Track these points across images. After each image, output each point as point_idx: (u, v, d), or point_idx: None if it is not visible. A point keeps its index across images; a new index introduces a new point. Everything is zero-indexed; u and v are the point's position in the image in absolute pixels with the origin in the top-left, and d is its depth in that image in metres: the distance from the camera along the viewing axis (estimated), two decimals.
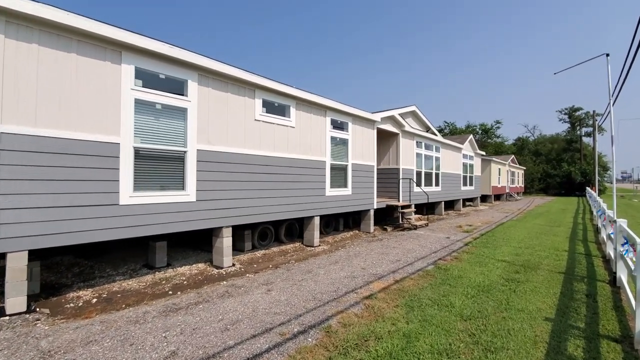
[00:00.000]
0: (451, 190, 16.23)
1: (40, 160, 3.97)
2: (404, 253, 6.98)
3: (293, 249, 7.62)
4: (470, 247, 7.65)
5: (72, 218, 4.18)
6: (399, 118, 11.17)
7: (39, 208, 3.95)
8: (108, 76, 4.57)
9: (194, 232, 6.95)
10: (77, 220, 4.22)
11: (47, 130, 4.02)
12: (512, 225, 11.77)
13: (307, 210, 7.75)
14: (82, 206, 4.26)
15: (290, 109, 7.32)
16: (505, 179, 29.42)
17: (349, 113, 8.97)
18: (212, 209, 5.75)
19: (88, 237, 4.30)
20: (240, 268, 5.97)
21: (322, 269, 5.69)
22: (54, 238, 4.06)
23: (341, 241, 8.65)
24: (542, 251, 7.32)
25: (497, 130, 49.00)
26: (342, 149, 8.93)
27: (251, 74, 6.36)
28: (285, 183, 7.18)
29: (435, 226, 11.24)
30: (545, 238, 9.06)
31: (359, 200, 9.47)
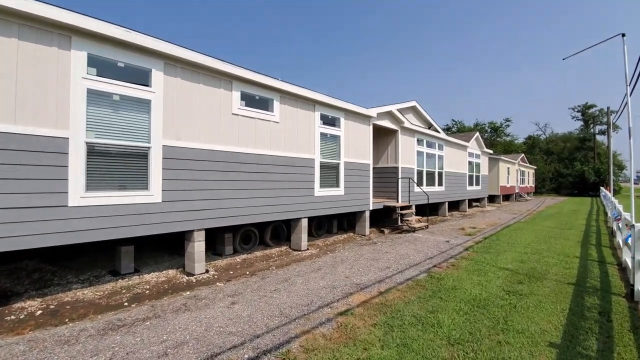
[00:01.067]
0: (456, 191, 15.49)
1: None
2: (397, 259, 6.38)
3: (278, 254, 7.09)
4: (471, 253, 7.00)
5: (8, 222, 3.72)
6: (397, 114, 10.54)
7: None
8: (55, 63, 4.10)
9: (171, 235, 6.47)
10: (14, 224, 3.76)
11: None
12: (519, 227, 11.03)
13: (294, 212, 7.20)
14: (20, 208, 3.79)
15: (274, 103, 6.78)
16: (515, 179, 28.41)
17: (340, 108, 8.39)
18: (181, 210, 5.25)
19: (26, 243, 3.83)
20: (213, 275, 5.46)
21: (300, 278, 5.14)
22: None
23: (332, 245, 8.09)
24: (551, 257, 6.63)
25: (506, 129, 47.70)
26: (334, 146, 8.36)
27: (227, 63, 5.84)
28: (269, 182, 6.64)
29: (435, 228, 10.57)
30: (555, 242, 8.33)
31: (353, 201, 8.89)
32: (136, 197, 4.77)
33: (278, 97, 6.86)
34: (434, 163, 13.50)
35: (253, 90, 6.38)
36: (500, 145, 45.52)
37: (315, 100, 7.68)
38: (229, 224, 6.02)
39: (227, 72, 5.83)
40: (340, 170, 8.50)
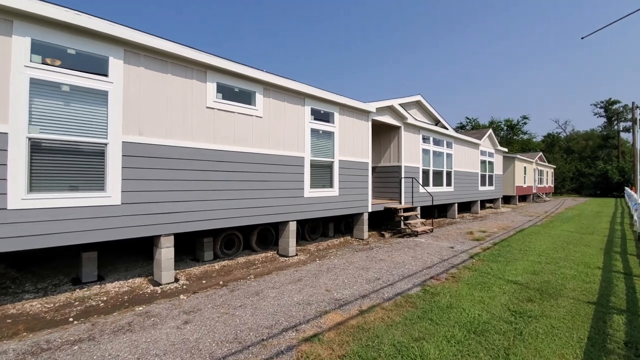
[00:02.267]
0: (466, 191, 14.59)
1: None
2: (390, 268, 5.71)
3: (263, 260, 6.53)
4: (476, 261, 6.24)
5: None
6: (399, 109, 9.82)
7: None
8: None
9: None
10: None
11: None
12: (535, 232, 10.11)
13: (280, 215, 6.62)
14: None
15: (256, 96, 6.22)
16: (532, 178, 27.03)
17: (334, 102, 7.76)
18: (144, 213, 4.74)
19: None
20: (182, 285, 4.94)
21: (275, 290, 4.55)
22: None
23: (325, 250, 7.47)
24: (568, 268, 5.82)
25: (524, 126, 45.79)
26: (327, 143, 7.74)
27: (200, 52, 5.31)
28: (251, 183, 6.09)
29: (441, 232, 9.79)
30: (574, 249, 7.46)
31: (349, 202, 8.24)
32: (90, 199, 4.28)
33: (261, 90, 6.29)
34: (442, 162, 12.67)
35: (231, 81, 5.84)
36: (516, 144, 43.77)
37: (305, 94, 7.08)
38: (205, 228, 5.49)
39: (200, 61, 5.30)
40: (334, 169, 7.87)
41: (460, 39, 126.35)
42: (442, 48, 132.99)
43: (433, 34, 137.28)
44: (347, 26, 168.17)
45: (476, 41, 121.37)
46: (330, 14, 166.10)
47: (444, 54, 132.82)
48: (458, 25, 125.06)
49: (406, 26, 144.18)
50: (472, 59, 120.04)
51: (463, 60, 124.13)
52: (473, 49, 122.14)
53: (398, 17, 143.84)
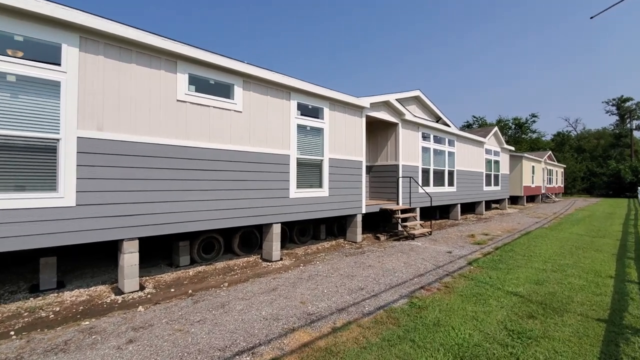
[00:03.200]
0: (470, 191, 13.97)
1: None
2: (377, 276, 5.21)
3: (243, 265, 6.09)
4: (474, 268, 5.71)
5: None
6: (396, 104, 9.29)
7: None
8: None
9: None
10: None
11: None
12: (542, 234, 9.49)
13: (262, 217, 6.17)
14: None
15: (235, 89, 5.78)
16: (541, 178, 26.17)
17: (323, 96, 7.28)
18: (103, 216, 4.33)
19: None
20: (147, 294, 4.52)
21: (243, 302, 4.10)
22: None
23: (313, 254, 7.00)
24: (576, 277, 5.25)
25: (532, 125, 44.65)
26: (316, 140, 7.26)
27: (169, 40, 4.89)
28: (229, 182, 5.65)
29: (440, 235, 9.23)
30: (583, 255, 6.86)
31: (340, 203, 7.76)
32: (40, 201, 3.89)
33: (240, 82, 5.85)
34: (443, 160, 12.09)
35: (206, 73, 5.40)
36: (525, 143, 42.71)
37: (291, 87, 6.62)
38: (176, 232, 5.07)
39: (169, 50, 4.88)
40: (323, 168, 7.39)
41: (469, 38, 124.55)
42: (449, 48, 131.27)
43: (438, 34, 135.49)
44: (348, 26, 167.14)
45: (484, 40, 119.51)
46: (330, 14, 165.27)
47: (449, 54, 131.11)
48: (464, 24, 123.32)
49: (415, 25, 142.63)
50: (480, 59, 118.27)
51: (471, 60, 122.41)
52: (481, 48, 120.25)
53: (403, 15, 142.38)
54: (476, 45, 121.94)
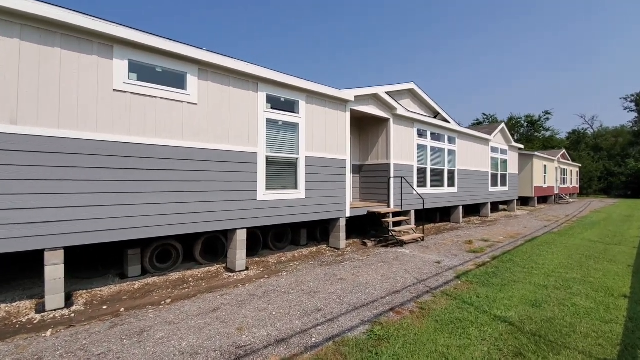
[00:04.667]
0: (473, 192, 13.04)
1: None
2: (344, 293, 4.48)
3: (202, 276, 5.44)
4: (461, 284, 4.91)
5: None
6: (385, 98, 8.51)
7: None
8: None
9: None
10: None
11: None
12: (549, 241, 8.56)
13: (224, 222, 5.51)
14: None
15: (188, 78, 5.13)
16: (554, 178, 24.85)
17: (299, 88, 6.57)
18: (16, 222, 3.74)
19: None
20: (71, 313, 3.91)
21: (167, 328, 3.43)
22: None
23: (287, 263, 6.31)
24: (583, 296, 4.41)
25: (546, 122, 42.83)
26: (290, 136, 6.56)
27: (102, 21, 4.27)
28: (180, 183, 5.01)
29: (434, 241, 8.41)
30: (594, 267, 5.96)
31: (319, 206, 7.04)
32: None
33: (195, 71, 5.20)
34: (442, 159, 11.22)
35: (150, 59, 4.77)
36: (538, 141, 41.05)
37: (258, 77, 5.93)
38: (114, 239, 4.45)
39: (104, 33, 4.25)
40: (299, 167, 6.68)
41: (479, 37, 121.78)
42: (459, 46, 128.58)
43: (448, 33, 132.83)
44: (351, 27, 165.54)
45: (495, 40, 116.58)
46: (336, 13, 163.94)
47: (460, 53, 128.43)
48: (475, 24, 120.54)
49: (430, 25, 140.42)
50: (492, 57, 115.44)
51: (481, 59, 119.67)
52: (492, 47, 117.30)
53: (413, 15, 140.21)
54: (488, 44, 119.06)
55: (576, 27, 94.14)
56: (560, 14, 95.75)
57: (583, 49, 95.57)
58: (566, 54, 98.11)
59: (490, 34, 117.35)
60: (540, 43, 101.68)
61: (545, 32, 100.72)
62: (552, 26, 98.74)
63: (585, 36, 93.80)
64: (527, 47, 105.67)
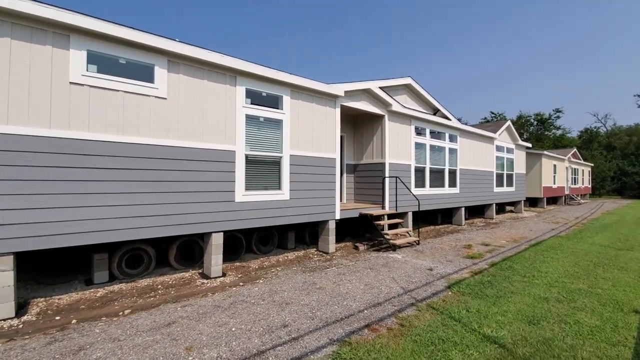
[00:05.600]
0: (476, 193, 12.48)
1: None
2: (319, 306, 4.06)
3: (174, 283, 5.09)
4: (452, 295, 4.45)
5: None
6: (379, 93, 8.05)
7: None
8: None
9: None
10: None
11: None
12: (554, 245, 8.00)
13: (198, 225, 5.15)
14: None
15: (156, 71, 4.78)
16: (564, 178, 23.97)
17: (282, 82, 6.18)
18: None
19: None
20: (19, 324, 3.59)
21: (109, 345, 3.06)
22: None
23: (269, 268, 5.92)
24: (589, 311, 3.92)
25: (556, 121, 41.60)
26: (272, 133, 6.17)
27: (58, 9, 3.93)
28: (149, 184, 4.66)
29: (430, 245, 7.92)
30: (603, 275, 5.43)
31: (305, 207, 6.63)
32: None
33: (164, 63, 4.84)
34: (443, 158, 10.70)
35: (112, 50, 4.42)
36: (548, 140, 39.90)
37: (236, 71, 5.56)
38: (74, 244, 4.12)
39: (59, 21, 3.92)
40: (283, 166, 6.29)
41: (489, 37, 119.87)
42: (472, 44, 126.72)
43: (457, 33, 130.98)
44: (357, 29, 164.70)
45: (508, 39, 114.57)
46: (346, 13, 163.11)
47: (473, 51, 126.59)
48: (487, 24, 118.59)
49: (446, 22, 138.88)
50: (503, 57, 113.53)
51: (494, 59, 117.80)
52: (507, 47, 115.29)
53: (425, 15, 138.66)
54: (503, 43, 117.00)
55: (590, 24, 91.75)
56: (573, 11, 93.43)
57: (596, 46, 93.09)
58: (579, 52, 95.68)
59: (502, 34, 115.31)
60: (554, 41, 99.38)
61: (559, 29, 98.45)
62: (565, 24, 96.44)
63: (598, 33, 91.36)
64: (539, 46, 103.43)
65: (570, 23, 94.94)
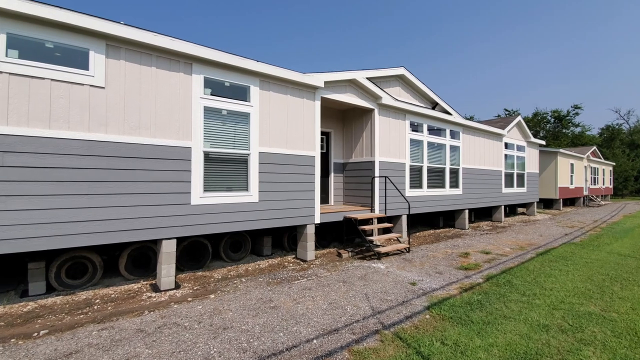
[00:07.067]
0: (482, 194, 11.54)
1: None
2: (261, 332, 3.39)
3: (116, 297, 4.51)
4: (429, 320, 3.70)
5: None
6: (367, 84, 7.31)
7: None
8: None
9: None
10: None
11: None
12: (565, 254, 7.07)
13: (143, 231, 4.56)
14: None
15: (91, 57, 4.20)
16: (582, 178, 22.52)
17: (249, 70, 5.53)
18: None
19: None
20: None
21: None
22: None
23: (233, 278, 5.30)
24: (599, 346, 3.11)
25: (575, 118, 39.54)
26: (238, 128, 5.54)
27: None
28: (82, 185, 4.10)
29: (422, 253, 7.12)
30: (620, 294, 4.56)
31: (279, 211, 5.97)
32: None
33: (101, 48, 4.26)
34: (443, 157, 9.84)
35: (37, 33, 3.86)
36: (566, 138, 37.96)
37: (192, 57, 4.94)
38: None
39: None
40: (250, 165, 5.64)
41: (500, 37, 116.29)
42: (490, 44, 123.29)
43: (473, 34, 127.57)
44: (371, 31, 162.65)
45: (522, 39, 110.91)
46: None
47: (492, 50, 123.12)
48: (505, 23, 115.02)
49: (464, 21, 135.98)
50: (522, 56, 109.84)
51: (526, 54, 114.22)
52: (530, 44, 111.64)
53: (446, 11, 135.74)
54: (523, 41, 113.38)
55: (616, 21, 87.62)
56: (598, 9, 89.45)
57: (620, 41, 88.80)
58: (603, 48, 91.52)
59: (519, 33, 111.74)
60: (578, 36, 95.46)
61: (582, 26, 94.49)
62: (590, 21, 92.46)
63: (625, 27, 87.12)
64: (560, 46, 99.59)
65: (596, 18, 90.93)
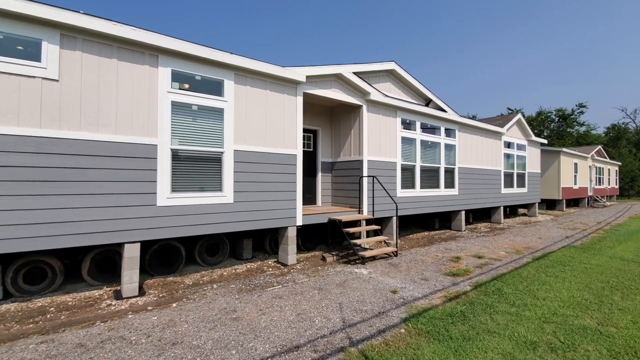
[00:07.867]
0: (480, 194, 11.13)
1: None
2: (215, 349, 3.06)
3: (73, 304, 4.22)
4: (403, 335, 3.35)
5: None
6: (353, 79, 6.95)
7: None
8: None
9: None
10: None
11: None
12: (564, 259, 6.67)
13: (101, 234, 4.26)
14: None
15: (44, 47, 3.90)
16: (587, 178, 21.96)
17: (223, 64, 5.21)
18: None
19: None
20: None
21: None
22: None
23: (204, 285, 4.99)
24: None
25: (580, 117, 38.80)
26: (210, 125, 5.22)
27: None
28: (31, 185, 3.80)
29: (410, 257, 6.75)
30: (621, 305, 4.17)
31: (256, 212, 5.65)
32: None
33: (55, 38, 3.95)
34: (438, 155, 9.46)
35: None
36: (570, 137, 37.25)
37: (157, 48, 4.63)
38: None
39: None
40: (225, 164, 5.32)
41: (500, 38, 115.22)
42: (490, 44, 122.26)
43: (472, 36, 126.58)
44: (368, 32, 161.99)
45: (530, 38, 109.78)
46: None
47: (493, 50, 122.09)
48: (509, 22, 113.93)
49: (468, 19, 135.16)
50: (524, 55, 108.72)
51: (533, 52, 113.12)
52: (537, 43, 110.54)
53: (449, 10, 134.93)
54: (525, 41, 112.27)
55: (616, 21, 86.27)
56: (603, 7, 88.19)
57: (620, 41, 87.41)
58: (602, 48, 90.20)
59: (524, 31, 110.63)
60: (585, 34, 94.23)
61: (582, 26, 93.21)
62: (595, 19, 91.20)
63: (632, 25, 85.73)
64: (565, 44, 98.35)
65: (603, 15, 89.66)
